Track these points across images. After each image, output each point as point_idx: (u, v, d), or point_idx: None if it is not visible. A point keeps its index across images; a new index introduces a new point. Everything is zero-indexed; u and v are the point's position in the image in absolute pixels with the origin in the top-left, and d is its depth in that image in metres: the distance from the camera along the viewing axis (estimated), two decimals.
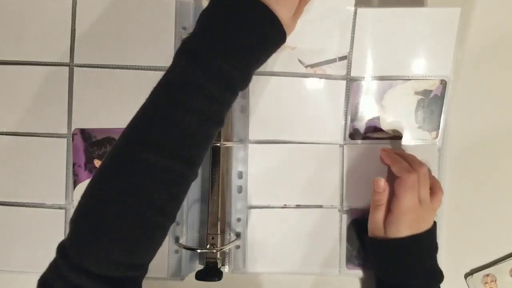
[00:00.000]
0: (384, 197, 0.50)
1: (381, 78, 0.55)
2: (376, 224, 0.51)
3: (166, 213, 0.40)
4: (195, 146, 0.41)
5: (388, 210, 0.50)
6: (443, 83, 0.55)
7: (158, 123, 0.40)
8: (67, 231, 0.55)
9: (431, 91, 0.55)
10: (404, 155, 0.53)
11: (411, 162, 0.51)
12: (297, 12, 0.47)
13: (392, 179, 0.50)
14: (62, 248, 0.39)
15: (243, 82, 0.43)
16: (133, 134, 0.41)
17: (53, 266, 0.39)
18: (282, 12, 0.43)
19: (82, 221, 0.39)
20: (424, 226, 0.49)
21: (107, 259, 0.38)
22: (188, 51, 0.41)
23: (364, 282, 0.57)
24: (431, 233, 0.50)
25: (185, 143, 0.40)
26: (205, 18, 0.43)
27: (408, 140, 0.56)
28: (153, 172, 0.39)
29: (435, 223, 0.51)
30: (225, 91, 0.42)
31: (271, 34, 0.43)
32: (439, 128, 0.56)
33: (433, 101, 0.55)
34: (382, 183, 0.50)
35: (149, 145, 0.39)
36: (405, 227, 0.48)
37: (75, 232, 0.39)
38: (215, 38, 0.41)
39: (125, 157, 0.39)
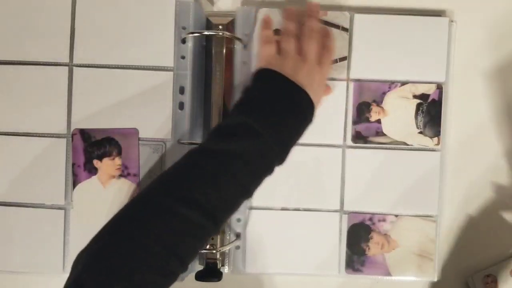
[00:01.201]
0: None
1: (379, 81, 0.55)
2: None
3: (184, 262, 0.42)
4: (228, 210, 0.44)
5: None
6: (440, 88, 0.55)
7: (203, 183, 0.42)
8: (69, 236, 0.55)
9: (429, 95, 0.55)
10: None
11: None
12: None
13: None
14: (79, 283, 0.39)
15: (282, 160, 0.47)
16: (174, 187, 0.43)
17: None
18: (316, 99, 0.49)
19: (100, 259, 0.40)
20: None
21: None
22: (246, 123, 0.44)
23: (363, 286, 0.57)
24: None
25: (221, 207, 0.43)
26: (250, 95, 0.47)
27: (410, 146, 0.56)
28: (184, 226, 0.41)
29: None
30: (267, 170, 0.46)
31: (310, 117, 0.48)
32: (440, 134, 0.55)
33: (432, 106, 0.55)
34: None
35: (190, 202, 0.41)
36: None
37: (94, 266, 0.39)
38: (268, 120, 0.45)
39: (164, 208, 0.41)
